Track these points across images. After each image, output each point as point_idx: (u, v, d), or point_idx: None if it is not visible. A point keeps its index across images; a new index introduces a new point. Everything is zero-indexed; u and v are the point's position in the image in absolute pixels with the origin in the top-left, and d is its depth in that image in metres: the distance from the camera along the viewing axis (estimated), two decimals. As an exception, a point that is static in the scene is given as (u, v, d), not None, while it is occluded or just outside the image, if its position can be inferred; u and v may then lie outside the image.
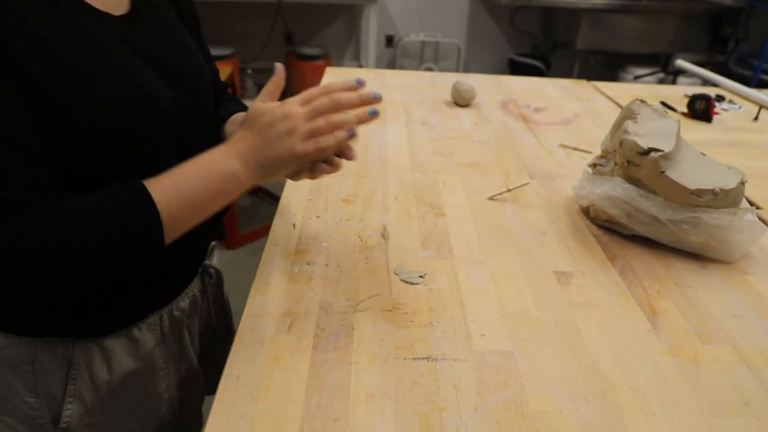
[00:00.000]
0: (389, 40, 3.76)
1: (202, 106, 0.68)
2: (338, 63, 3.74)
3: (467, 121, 1.25)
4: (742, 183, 0.79)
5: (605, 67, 3.47)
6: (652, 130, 0.81)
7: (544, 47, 3.74)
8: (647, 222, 0.80)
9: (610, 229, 0.85)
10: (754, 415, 0.56)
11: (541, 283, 0.73)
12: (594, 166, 0.89)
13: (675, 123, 0.83)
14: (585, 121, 1.30)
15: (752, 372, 0.61)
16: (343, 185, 0.93)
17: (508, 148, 1.13)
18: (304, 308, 0.66)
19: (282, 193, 0.91)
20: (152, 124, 0.58)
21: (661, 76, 3.30)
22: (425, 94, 1.41)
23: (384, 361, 0.59)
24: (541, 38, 3.77)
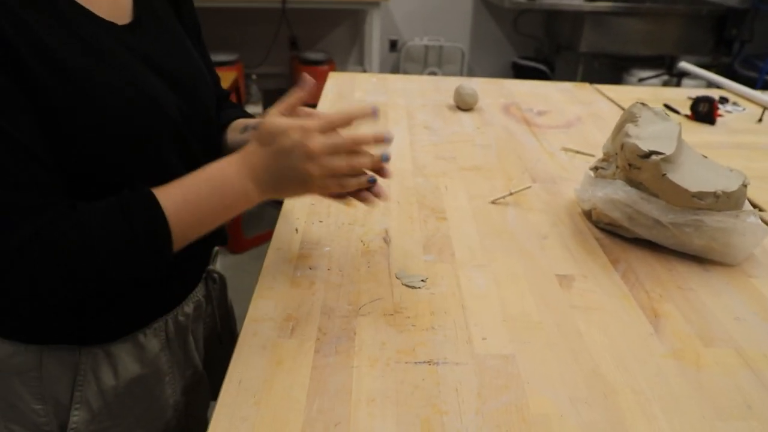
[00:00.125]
0: (393, 45, 3.78)
1: (204, 112, 0.69)
2: (342, 68, 3.76)
3: (470, 125, 1.25)
4: (744, 185, 0.78)
5: (609, 70, 3.47)
6: (653, 133, 0.81)
7: (547, 50, 3.75)
8: (649, 225, 0.80)
9: (612, 232, 0.85)
10: (756, 419, 0.56)
11: (543, 286, 0.73)
12: (596, 170, 0.89)
13: (676, 126, 0.83)
14: (587, 124, 1.30)
15: (755, 375, 0.61)
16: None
17: (510, 151, 1.13)
18: (306, 312, 0.66)
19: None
20: (152, 126, 0.58)
21: (665, 78, 3.30)
22: (428, 98, 1.42)
23: (385, 365, 0.59)
24: (544, 41, 3.77)
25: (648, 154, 0.78)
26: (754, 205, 0.95)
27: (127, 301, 0.64)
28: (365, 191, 0.63)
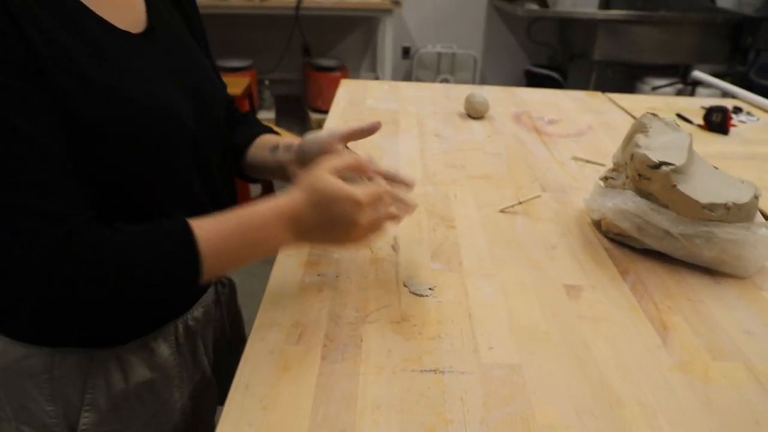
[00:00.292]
0: (406, 52, 3.79)
1: (216, 121, 0.70)
2: (355, 74, 3.78)
3: (480, 134, 1.26)
4: (755, 197, 0.78)
5: (623, 78, 3.45)
6: (663, 144, 0.81)
7: (560, 58, 3.74)
8: (659, 236, 0.79)
9: (621, 242, 0.85)
10: (765, 434, 0.55)
11: (551, 296, 0.73)
12: (605, 179, 0.89)
13: (687, 136, 0.83)
14: (599, 133, 1.30)
15: (764, 390, 0.61)
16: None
17: (520, 160, 1.13)
18: (314, 319, 0.67)
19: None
20: (171, 136, 0.59)
21: (679, 87, 3.27)
22: (439, 106, 1.42)
23: (391, 373, 0.60)
24: (557, 49, 3.76)
25: (658, 165, 0.78)
26: (766, 217, 0.94)
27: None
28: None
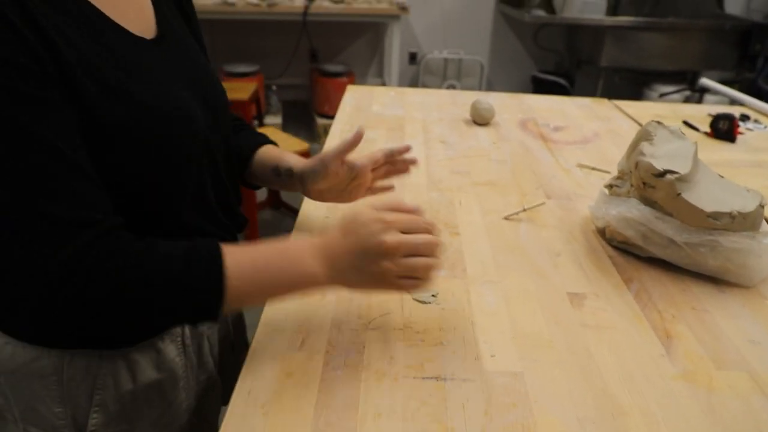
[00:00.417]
0: (412, 58, 3.80)
1: (225, 126, 0.71)
2: (361, 80, 3.79)
3: (485, 140, 1.26)
4: (761, 206, 0.78)
5: (630, 85, 3.45)
6: (668, 152, 0.81)
7: (567, 64, 3.74)
8: (663, 244, 0.79)
9: (626, 250, 0.85)
10: (768, 445, 0.55)
11: (554, 304, 0.73)
12: (610, 187, 0.89)
13: (692, 145, 0.83)
14: (604, 140, 1.30)
15: (768, 400, 0.60)
16: (359, 204, 0.95)
17: (525, 167, 1.13)
18: (317, 325, 0.67)
19: (300, 208, 0.92)
20: (186, 142, 0.60)
21: (687, 93, 3.26)
22: (445, 112, 1.42)
23: (393, 380, 0.60)
24: (564, 55, 3.76)
25: (663, 173, 0.77)
26: (773, 226, 0.94)
27: None
28: None
